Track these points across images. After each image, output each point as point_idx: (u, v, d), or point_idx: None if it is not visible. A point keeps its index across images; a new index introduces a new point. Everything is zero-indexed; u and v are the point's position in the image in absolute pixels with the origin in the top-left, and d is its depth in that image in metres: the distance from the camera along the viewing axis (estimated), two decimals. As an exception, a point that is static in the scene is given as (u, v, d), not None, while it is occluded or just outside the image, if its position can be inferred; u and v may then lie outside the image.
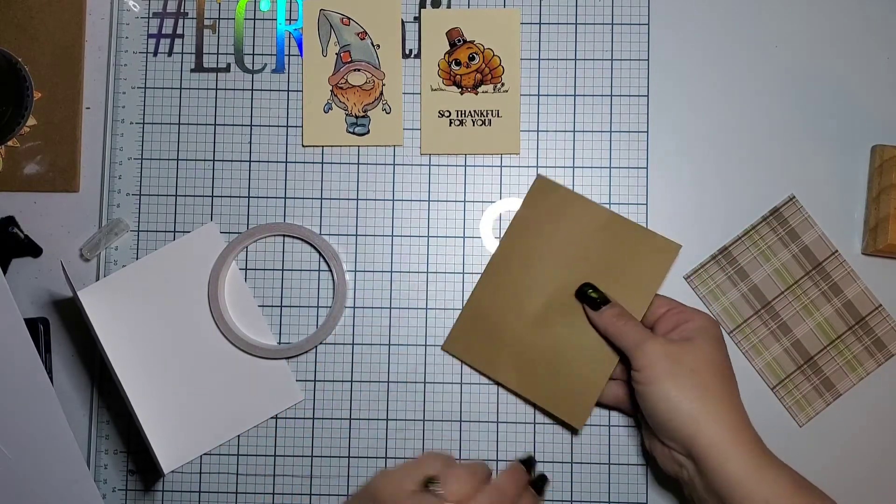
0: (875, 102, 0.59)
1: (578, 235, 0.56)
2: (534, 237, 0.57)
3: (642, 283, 0.55)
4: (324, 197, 0.59)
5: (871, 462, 0.57)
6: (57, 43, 0.60)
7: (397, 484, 0.47)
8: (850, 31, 0.59)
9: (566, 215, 0.56)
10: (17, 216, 0.59)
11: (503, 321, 0.56)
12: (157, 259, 0.58)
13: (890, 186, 0.56)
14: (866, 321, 0.57)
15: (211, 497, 0.57)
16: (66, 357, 0.59)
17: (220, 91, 0.60)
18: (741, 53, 0.59)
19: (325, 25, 0.60)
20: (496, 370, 0.57)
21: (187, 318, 0.58)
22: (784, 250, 0.58)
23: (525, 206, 0.57)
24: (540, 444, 0.57)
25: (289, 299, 0.58)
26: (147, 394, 0.56)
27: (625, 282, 0.55)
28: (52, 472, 0.54)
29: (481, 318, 0.57)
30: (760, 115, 0.59)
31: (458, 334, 0.57)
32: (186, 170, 0.59)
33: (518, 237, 0.57)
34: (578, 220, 0.56)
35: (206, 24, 0.60)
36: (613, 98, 0.59)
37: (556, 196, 0.57)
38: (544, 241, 0.56)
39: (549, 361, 0.55)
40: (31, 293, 0.59)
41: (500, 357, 0.56)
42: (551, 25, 0.59)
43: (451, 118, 0.59)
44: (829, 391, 0.57)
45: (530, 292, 0.56)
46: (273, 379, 0.58)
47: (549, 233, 0.56)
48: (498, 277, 0.57)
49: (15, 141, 0.59)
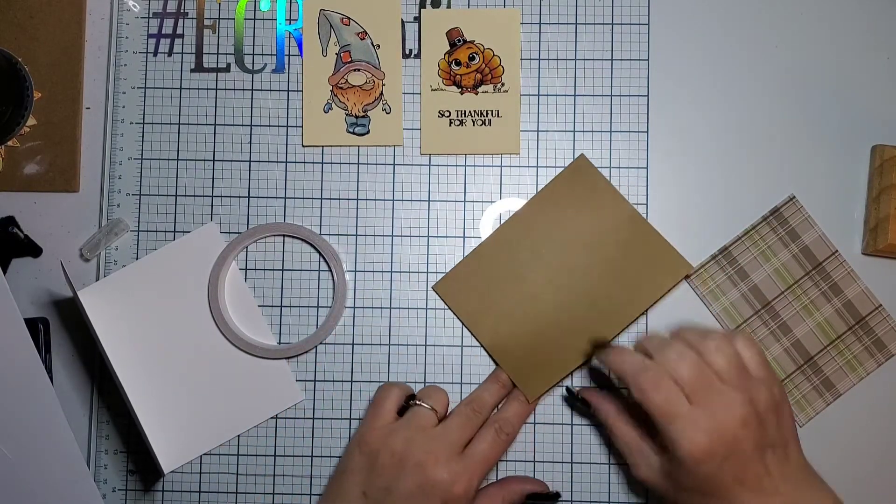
0: (875, 102, 0.59)
1: (598, 223, 0.57)
2: (556, 211, 0.57)
3: (642, 290, 0.56)
4: (324, 197, 0.59)
5: (872, 462, 0.57)
6: (57, 43, 0.60)
7: (377, 422, 0.53)
8: (850, 31, 0.59)
9: (594, 200, 0.57)
10: (17, 216, 0.59)
11: (499, 283, 0.57)
12: (157, 259, 0.58)
13: (890, 186, 0.56)
14: (866, 321, 0.57)
15: (211, 497, 0.57)
16: (66, 357, 0.58)
17: (220, 91, 0.60)
18: (741, 53, 0.59)
19: (325, 25, 0.60)
20: (476, 326, 0.57)
21: (187, 318, 0.58)
22: (784, 250, 0.58)
23: (558, 180, 0.58)
24: (540, 444, 0.57)
25: (289, 299, 0.58)
26: (147, 394, 0.56)
27: (625, 283, 0.55)
28: (52, 472, 0.54)
29: (480, 272, 0.57)
30: (760, 115, 0.59)
31: (452, 280, 0.58)
32: (186, 170, 0.59)
33: (541, 207, 0.57)
34: (603, 209, 0.57)
35: (206, 24, 0.60)
36: (613, 98, 0.59)
37: (591, 179, 0.57)
38: (565, 219, 0.57)
39: (528, 334, 0.56)
40: (31, 293, 0.59)
41: (484, 316, 0.57)
42: (551, 25, 0.59)
43: (451, 118, 0.59)
44: (829, 391, 0.57)
45: (534, 264, 0.57)
46: (273, 379, 0.58)
47: (572, 212, 0.57)
48: (510, 237, 0.57)
49: (15, 141, 0.59)
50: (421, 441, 0.51)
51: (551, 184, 0.58)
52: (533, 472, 0.57)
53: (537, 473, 0.57)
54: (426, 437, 0.51)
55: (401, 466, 0.50)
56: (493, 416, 0.54)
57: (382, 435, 0.51)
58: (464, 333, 0.58)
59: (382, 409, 0.53)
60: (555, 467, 0.57)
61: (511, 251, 0.57)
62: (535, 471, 0.57)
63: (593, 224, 0.57)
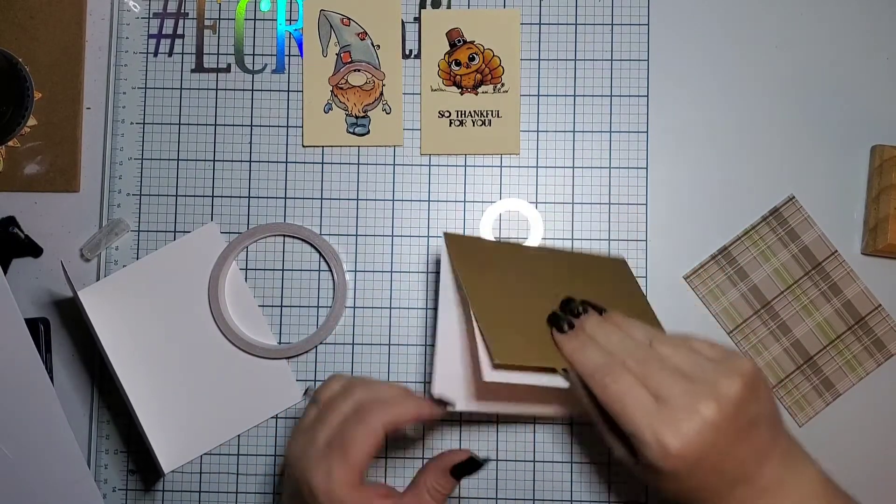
0: (875, 102, 0.59)
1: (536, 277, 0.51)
2: (585, 283, 0.51)
3: (632, 302, 0.53)
4: (324, 197, 0.59)
5: (871, 462, 0.57)
6: (57, 43, 0.60)
7: (292, 441, 0.49)
8: (850, 31, 0.59)
9: (624, 301, 0.52)
10: (18, 216, 0.59)
11: (508, 267, 0.52)
12: (158, 259, 0.58)
13: (890, 186, 0.56)
14: (866, 321, 0.57)
15: (211, 497, 0.58)
16: (66, 357, 0.59)
17: (221, 91, 0.60)
18: (741, 54, 0.59)
19: (326, 26, 0.60)
20: (472, 284, 0.49)
21: (187, 318, 0.58)
22: (784, 250, 0.58)
23: (595, 260, 0.53)
24: (539, 444, 0.57)
25: (289, 299, 0.58)
26: (147, 394, 0.56)
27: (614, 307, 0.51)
28: (52, 472, 0.54)
29: (495, 251, 0.53)
30: (760, 115, 0.59)
31: (465, 238, 0.53)
32: (187, 170, 0.59)
33: (571, 267, 0.52)
34: (630, 310, 0.51)
35: (207, 24, 0.60)
36: (613, 98, 0.59)
37: (629, 286, 0.53)
38: (588, 289, 0.51)
39: (522, 308, 0.49)
40: (31, 293, 0.59)
41: (483, 279, 0.50)
42: (551, 26, 0.59)
43: (451, 118, 0.59)
44: (829, 391, 0.57)
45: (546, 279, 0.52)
46: (273, 379, 0.58)
47: (595, 291, 0.51)
48: (534, 256, 0.53)
49: (15, 141, 0.59)
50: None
51: (588, 258, 0.54)
52: (533, 472, 0.57)
53: (537, 473, 0.57)
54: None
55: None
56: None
57: (294, 452, 0.49)
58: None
59: (297, 431, 0.49)
60: (554, 467, 0.57)
61: (530, 262, 0.53)
62: (534, 470, 0.57)
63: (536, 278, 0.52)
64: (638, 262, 0.58)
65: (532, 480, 0.57)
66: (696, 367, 0.44)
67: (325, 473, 0.44)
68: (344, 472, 0.44)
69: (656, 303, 0.57)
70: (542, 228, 0.58)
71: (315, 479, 0.44)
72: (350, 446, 0.45)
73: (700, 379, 0.42)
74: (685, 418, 0.41)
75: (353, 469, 0.44)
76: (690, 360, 0.44)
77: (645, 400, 0.42)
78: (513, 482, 0.57)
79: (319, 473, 0.44)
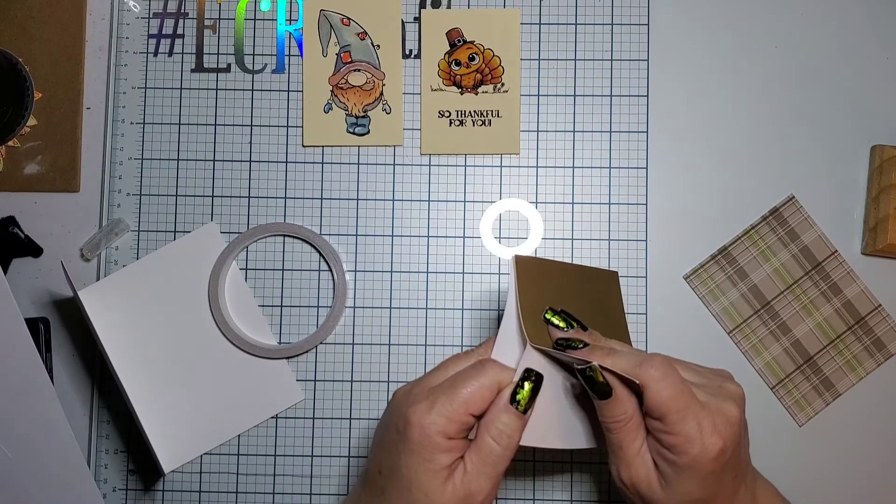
0: (875, 102, 0.59)
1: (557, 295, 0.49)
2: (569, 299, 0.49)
3: (610, 317, 0.52)
4: (324, 197, 0.59)
5: (871, 462, 0.57)
6: (57, 43, 0.60)
7: (403, 386, 0.46)
8: (850, 31, 0.59)
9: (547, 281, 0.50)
10: (18, 216, 0.59)
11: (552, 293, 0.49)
12: (158, 259, 0.58)
13: (890, 186, 0.56)
14: (866, 321, 0.57)
15: (211, 497, 0.58)
16: (66, 357, 0.59)
17: (221, 91, 0.60)
18: (741, 54, 0.59)
19: (326, 26, 0.60)
20: (529, 318, 0.46)
21: (187, 318, 0.58)
22: (784, 250, 0.58)
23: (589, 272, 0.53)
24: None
25: (289, 299, 0.58)
26: (147, 394, 0.56)
27: (596, 321, 0.50)
28: (52, 472, 0.54)
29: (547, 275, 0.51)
30: (760, 115, 0.59)
31: (532, 260, 0.50)
32: (187, 170, 0.59)
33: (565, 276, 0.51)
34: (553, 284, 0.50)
35: (207, 24, 0.60)
36: (613, 98, 0.59)
37: (615, 301, 0.53)
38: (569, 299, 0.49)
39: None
40: (31, 293, 0.59)
41: (535, 311, 0.47)
42: (551, 26, 0.59)
43: (451, 118, 0.59)
44: (829, 391, 0.57)
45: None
46: (273, 379, 0.58)
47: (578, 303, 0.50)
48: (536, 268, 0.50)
49: (15, 141, 0.59)
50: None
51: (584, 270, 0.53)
52: (533, 472, 0.57)
53: (537, 473, 0.57)
54: None
55: None
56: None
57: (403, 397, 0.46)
58: (464, 334, 0.58)
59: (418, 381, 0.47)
60: (554, 467, 0.57)
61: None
62: (534, 470, 0.57)
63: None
64: (638, 262, 0.58)
65: (532, 480, 0.57)
66: (700, 375, 0.45)
67: (426, 406, 0.41)
68: (447, 406, 0.41)
69: (656, 303, 0.57)
70: (542, 228, 0.58)
71: (413, 410, 0.41)
72: (461, 386, 0.41)
73: (710, 385, 0.44)
74: (720, 418, 0.42)
75: (457, 409, 0.41)
76: (691, 370, 0.45)
77: (692, 397, 0.42)
78: (512, 482, 0.57)
79: (420, 406, 0.41)
